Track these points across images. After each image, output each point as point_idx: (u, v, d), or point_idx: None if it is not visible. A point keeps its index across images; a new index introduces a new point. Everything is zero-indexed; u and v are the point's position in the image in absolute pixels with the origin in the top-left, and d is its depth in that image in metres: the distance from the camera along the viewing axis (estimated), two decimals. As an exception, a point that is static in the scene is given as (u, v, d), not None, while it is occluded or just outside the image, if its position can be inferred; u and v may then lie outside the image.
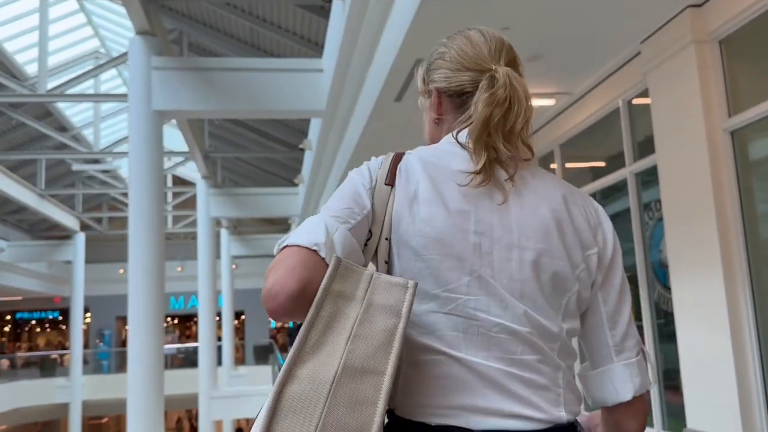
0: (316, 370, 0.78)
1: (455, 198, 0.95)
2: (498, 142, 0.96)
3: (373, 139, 6.42)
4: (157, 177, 7.20)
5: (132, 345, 6.84)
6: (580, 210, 1.01)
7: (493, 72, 1.00)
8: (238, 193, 14.42)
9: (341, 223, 0.91)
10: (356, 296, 0.84)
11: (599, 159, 5.80)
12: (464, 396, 0.89)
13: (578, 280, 0.97)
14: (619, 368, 0.99)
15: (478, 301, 0.92)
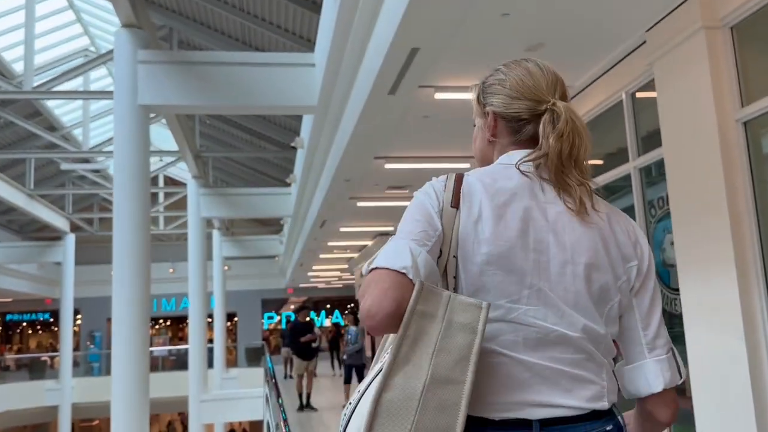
0: (408, 380, 0.93)
1: (515, 218, 1.07)
2: (570, 172, 1.11)
3: (366, 135, 6.21)
4: (143, 173, 6.96)
5: (116, 348, 6.59)
6: (621, 227, 1.15)
7: (551, 106, 1.14)
8: (229, 193, 14.17)
9: (421, 246, 1.03)
10: (437, 315, 0.97)
11: (600, 155, 5.60)
12: (523, 393, 1.03)
13: (620, 290, 1.11)
14: (651, 363, 1.13)
15: (537, 311, 1.05)
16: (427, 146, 7.07)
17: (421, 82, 5.00)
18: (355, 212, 10.52)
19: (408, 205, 1.13)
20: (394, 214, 11.55)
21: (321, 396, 11.50)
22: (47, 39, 13.15)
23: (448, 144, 6.98)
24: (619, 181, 5.23)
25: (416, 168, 7.75)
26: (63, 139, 16.12)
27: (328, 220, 11.27)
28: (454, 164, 7.56)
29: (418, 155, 7.37)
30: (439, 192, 1.11)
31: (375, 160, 7.32)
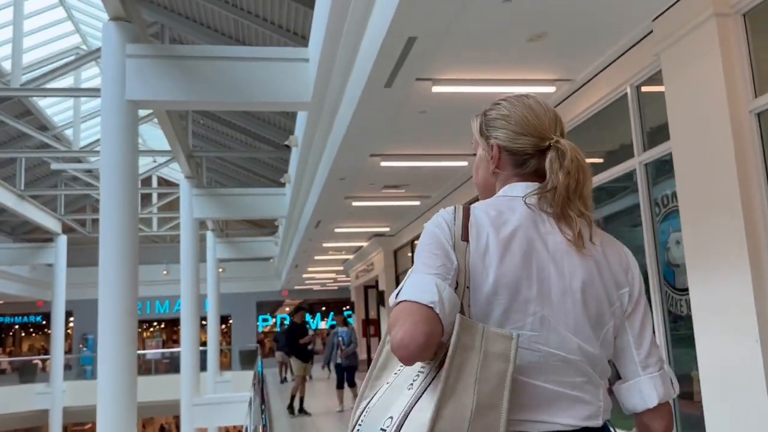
0: (457, 409, 1.01)
1: (519, 250, 1.14)
2: (574, 204, 1.18)
3: (361, 131, 6.01)
4: (131, 172, 6.75)
5: (103, 352, 6.37)
6: (614, 256, 1.23)
7: (555, 143, 1.21)
8: (222, 194, 13.94)
9: (443, 280, 1.08)
10: (475, 346, 1.05)
11: (602, 152, 5.42)
12: (529, 412, 1.11)
13: (613, 315, 1.20)
14: (645, 380, 1.21)
15: (540, 336, 1.12)
16: (424, 143, 6.89)
17: (419, 74, 4.81)
18: (351, 212, 10.32)
19: (422, 238, 1.18)
20: (390, 215, 11.41)
21: (315, 400, 11.29)
22: (37, 37, 12.93)
23: (446, 141, 6.79)
24: (621, 180, 5.05)
25: (413, 166, 7.56)
26: (55, 139, 15.89)
27: (322, 221, 11.07)
28: (451, 162, 7.38)
29: (415, 153, 7.19)
30: (450, 225, 1.16)
31: (370, 157, 7.13)
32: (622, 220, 5.48)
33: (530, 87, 5.12)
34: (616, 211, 5.51)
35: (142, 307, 27.75)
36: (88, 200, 23.54)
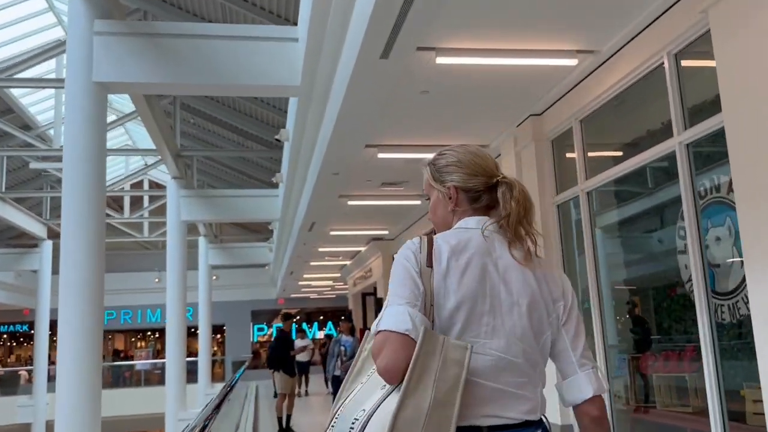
0: (418, 403, 1.26)
1: (475, 273, 1.39)
2: (524, 226, 1.45)
3: (355, 115, 5.32)
4: (98, 164, 6.03)
5: (62, 365, 5.65)
6: (550, 275, 1.47)
7: (502, 179, 1.49)
8: (212, 195, 13.23)
9: (413, 307, 1.34)
10: (436, 353, 1.30)
11: (633, 135, 4.74)
12: (480, 408, 1.36)
13: (551, 324, 1.45)
14: (582, 376, 1.46)
15: (492, 343, 1.38)
16: (425, 132, 6.20)
17: (420, 42, 4.13)
18: (346, 213, 9.62)
19: (393, 269, 1.41)
20: (389, 216, 10.70)
21: (308, 416, 10.53)
22: (15, 29, 12.28)
23: (451, 129, 6.11)
24: (649, 175, 4.36)
25: (413, 159, 6.85)
26: (38, 138, 15.20)
27: (317, 222, 10.37)
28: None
29: (415, 143, 6.50)
30: (416, 254, 1.40)
31: (366, 149, 6.44)
32: (647, 221, 4.80)
33: (549, 60, 4.45)
34: (643, 210, 4.83)
35: (132, 315, 27.00)
36: (77, 205, 22.80)
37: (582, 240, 5.16)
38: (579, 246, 5.34)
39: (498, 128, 6.05)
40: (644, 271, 5.14)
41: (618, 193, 5.01)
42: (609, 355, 4.96)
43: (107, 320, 26.80)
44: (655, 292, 4.94)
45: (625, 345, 5.13)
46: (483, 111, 5.62)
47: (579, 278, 5.40)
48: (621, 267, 5.17)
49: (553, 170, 5.54)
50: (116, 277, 25.72)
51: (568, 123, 5.18)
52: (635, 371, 5.08)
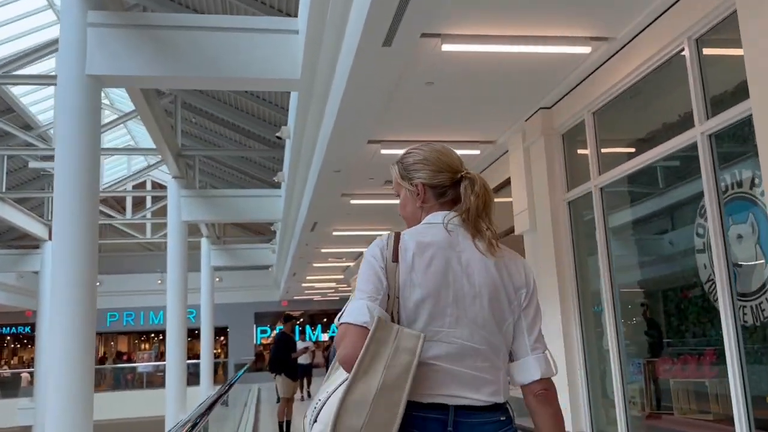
0: (366, 386, 1.36)
1: (439, 266, 1.48)
2: (484, 220, 1.54)
3: (357, 108, 5.10)
4: (91, 161, 5.82)
5: (51, 368, 5.44)
6: (513, 263, 1.56)
7: (466, 174, 1.58)
8: (213, 195, 13.04)
9: (373, 301, 1.45)
10: (389, 341, 1.40)
11: (649, 127, 4.50)
12: (445, 387, 1.46)
13: (512, 311, 1.54)
14: (532, 359, 1.54)
15: (455, 332, 1.48)
16: (430, 127, 5.98)
17: (424, 28, 3.91)
18: (349, 212, 9.39)
19: (361, 265, 1.51)
20: (393, 215, 10.46)
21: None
22: (15, 27, 12.12)
23: (457, 124, 5.88)
24: (669, 166, 4.12)
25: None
26: (39, 138, 15.05)
27: (319, 222, 10.14)
28: (462, 150, 6.45)
29: (420, 139, 6.25)
30: (383, 250, 1.50)
31: (368, 144, 6.22)
32: (662, 219, 4.56)
33: (562, 47, 4.22)
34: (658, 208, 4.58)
35: (135, 317, 26.83)
36: (79, 206, 22.66)
37: (594, 239, 4.92)
38: (591, 245, 5.11)
39: (506, 123, 5.81)
40: (659, 271, 4.90)
41: (632, 190, 4.77)
42: (623, 359, 4.72)
43: (109, 322, 26.66)
44: (672, 294, 4.70)
45: (639, 349, 4.89)
46: (490, 104, 5.39)
47: (591, 280, 5.16)
48: (634, 267, 4.93)
49: (563, 166, 5.30)
50: (119, 279, 25.64)
51: (579, 115, 4.95)
52: (651, 376, 4.84)
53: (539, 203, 5.55)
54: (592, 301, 5.16)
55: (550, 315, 5.33)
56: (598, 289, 5.01)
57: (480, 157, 6.77)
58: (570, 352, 5.11)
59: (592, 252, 5.11)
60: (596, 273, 5.02)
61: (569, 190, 5.24)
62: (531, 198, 5.70)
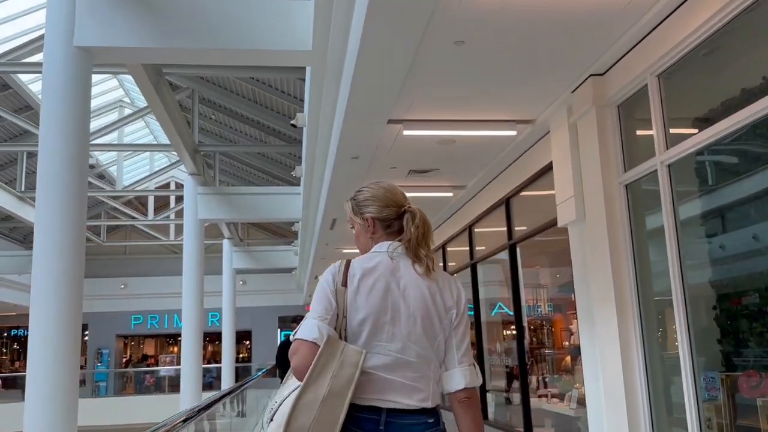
0: (316, 391, 1.63)
1: (380, 291, 1.76)
2: (423, 248, 1.83)
3: (374, 75, 4.38)
4: (80, 144, 5.23)
5: (32, 373, 4.84)
6: (446, 285, 1.84)
7: (408, 209, 1.89)
8: (231, 193, 12.46)
9: (323, 320, 1.72)
10: (336, 356, 1.67)
11: (730, 90, 3.67)
12: (379, 393, 1.73)
13: (443, 329, 1.81)
14: (458, 371, 1.81)
15: (392, 346, 1.75)
16: (458, 102, 5.21)
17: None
18: (370, 207, 8.67)
19: (316, 287, 1.80)
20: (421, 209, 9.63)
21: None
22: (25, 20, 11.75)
23: (490, 99, 5.11)
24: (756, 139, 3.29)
25: (445, 138, 5.87)
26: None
27: (339, 219, 9.43)
28: (496, 131, 5.69)
29: (447, 118, 5.51)
30: (335, 276, 1.78)
31: (389, 125, 5.49)
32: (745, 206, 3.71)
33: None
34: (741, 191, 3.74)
35: (159, 320, 26.56)
36: (102, 206, 22.44)
37: (659, 229, 4.10)
38: (655, 237, 4.28)
39: (548, 95, 5.02)
40: (739, 269, 4.04)
41: (708, 169, 3.94)
42: (697, 373, 3.88)
43: (134, 325, 26.46)
44: (758, 296, 3.84)
45: (710, 360, 4.05)
46: (530, 72, 4.61)
47: (654, 278, 4.33)
48: (709, 264, 4.08)
49: (619, 142, 4.49)
50: (143, 281, 25.42)
51: (641, 80, 4.13)
52: (730, 393, 3.98)
53: (589, 188, 4.74)
54: (655, 304, 4.33)
55: (604, 320, 4.52)
56: (662, 290, 4.19)
57: (516, 141, 5.98)
58: (628, 364, 4.29)
59: (657, 245, 4.29)
60: (661, 270, 4.19)
61: (626, 170, 4.43)
62: (578, 183, 4.89)
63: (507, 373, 8.10)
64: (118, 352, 26.97)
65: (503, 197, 7.09)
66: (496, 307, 8.77)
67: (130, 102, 16.53)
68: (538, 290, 7.86)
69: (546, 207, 6.11)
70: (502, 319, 8.41)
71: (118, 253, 26.15)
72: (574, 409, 6.39)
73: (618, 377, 4.35)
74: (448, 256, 10.35)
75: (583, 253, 4.95)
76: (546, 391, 7.15)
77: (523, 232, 6.72)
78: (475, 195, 8.01)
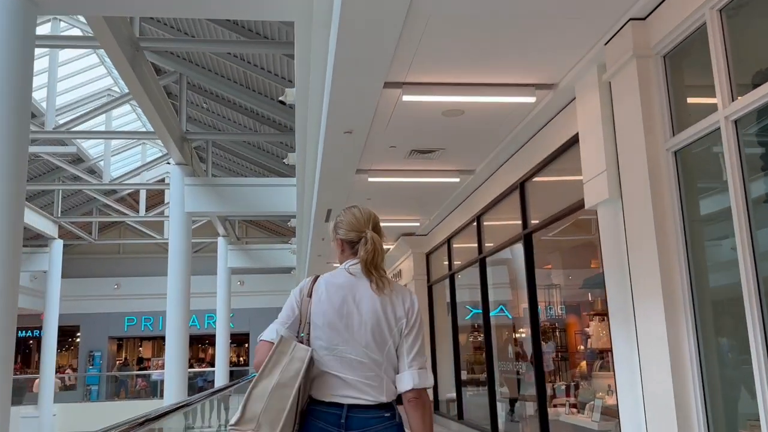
0: (266, 383, 1.94)
1: (338, 301, 2.09)
2: (374, 268, 2.13)
3: (367, 23, 3.56)
4: (19, 114, 4.42)
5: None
6: (399, 298, 2.14)
7: (364, 234, 2.17)
8: (220, 184, 11.65)
9: (284, 325, 2.09)
10: (287, 353, 1.99)
11: None
12: (339, 390, 2.04)
13: (392, 336, 2.09)
14: (408, 373, 2.07)
15: (347, 350, 2.05)
16: (467, 63, 4.38)
17: None
18: (367, 195, 7.85)
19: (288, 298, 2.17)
20: (422, 200, 8.73)
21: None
22: None
23: (504, 55, 4.28)
24: None
25: (452, 106, 5.04)
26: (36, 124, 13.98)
27: (334, 210, 8.62)
28: (512, 97, 4.86)
29: (454, 81, 4.68)
30: (303, 289, 2.14)
31: (387, 89, 4.67)
32: None
33: None
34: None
35: (154, 322, 25.75)
36: (94, 203, 21.67)
37: (721, 204, 3.26)
38: (716, 215, 3.45)
39: (576, 50, 4.19)
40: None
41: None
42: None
43: (127, 326, 25.66)
44: None
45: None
46: (554, 21, 3.78)
47: (712, 270, 3.49)
48: None
49: (666, 99, 3.65)
50: (137, 282, 24.63)
51: (696, 18, 3.30)
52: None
53: (627, 159, 3.91)
54: (712, 300, 3.49)
55: (647, 319, 3.68)
56: (725, 283, 3.36)
57: (534, 112, 5.15)
58: (680, 371, 3.46)
59: (716, 226, 3.46)
60: (722, 259, 3.36)
61: (675, 133, 3.59)
62: (611, 154, 4.06)
63: (518, 380, 7.26)
64: (111, 354, 26.18)
65: (517, 181, 6.26)
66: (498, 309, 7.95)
67: (119, 91, 15.78)
68: (551, 290, 7.05)
69: (568, 191, 5.28)
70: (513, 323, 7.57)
71: (112, 252, 25.39)
72: (597, 422, 5.58)
73: (665, 386, 3.51)
74: (453, 252, 9.51)
75: (618, 240, 4.12)
76: (564, 400, 6.34)
77: (542, 221, 5.87)
78: (485, 180, 7.18)
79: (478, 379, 8.87)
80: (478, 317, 8.43)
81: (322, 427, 1.99)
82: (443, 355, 10.31)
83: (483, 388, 8.24)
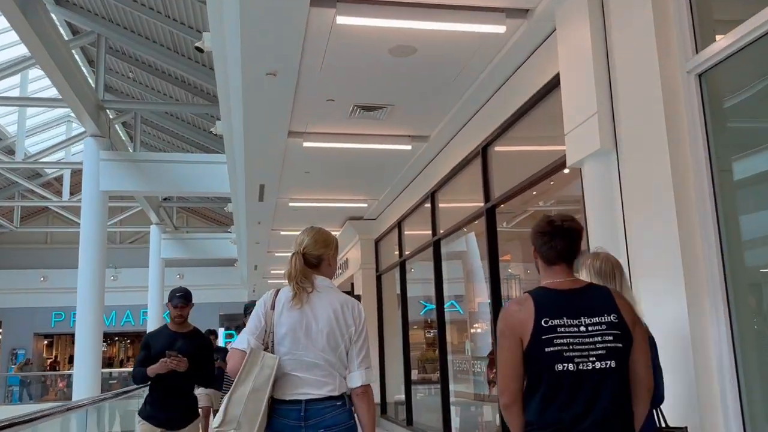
0: (243, 389, 2.29)
1: (297, 313, 2.39)
2: (298, 283, 2.46)
3: None
4: None
5: None
6: (348, 307, 2.46)
7: (297, 252, 2.52)
8: (141, 160, 10.30)
9: (252, 335, 2.38)
10: (257, 362, 2.31)
11: None
12: (299, 389, 2.36)
13: (344, 341, 2.42)
14: (357, 372, 2.43)
15: (305, 354, 2.37)
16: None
17: None
18: (306, 165, 6.74)
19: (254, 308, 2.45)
20: (369, 175, 7.53)
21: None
22: None
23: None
24: None
25: (400, 33, 3.99)
26: None
27: (267, 185, 7.48)
28: (478, 25, 3.83)
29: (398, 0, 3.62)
30: (267, 301, 2.44)
31: (316, 8, 3.59)
32: None
33: None
34: None
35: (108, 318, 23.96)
36: (17, 187, 19.80)
37: None
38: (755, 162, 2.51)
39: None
40: None
41: None
42: None
43: (54, 323, 23.75)
44: None
45: None
46: None
47: (751, 243, 2.56)
48: None
49: (687, 8, 2.69)
50: (66, 274, 22.73)
51: None
52: None
53: (630, 93, 2.95)
54: (752, 281, 2.56)
55: (662, 304, 2.71)
56: None
57: (505, 48, 4.15)
58: (705, 367, 2.51)
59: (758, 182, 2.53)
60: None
61: (698, 51, 2.63)
62: (604, 91, 3.10)
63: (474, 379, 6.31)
64: (37, 352, 24.23)
65: (479, 145, 5.27)
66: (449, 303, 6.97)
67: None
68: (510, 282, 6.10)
69: (541, 153, 4.33)
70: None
71: (38, 241, 23.45)
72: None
73: (689, 386, 2.56)
74: (404, 237, 8.49)
75: (610, 206, 3.16)
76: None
77: (509, 191, 4.88)
78: (442, 149, 6.17)
79: (431, 379, 7.91)
80: (431, 313, 7.46)
81: (286, 422, 2.34)
82: (392, 350, 9.31)
83: (435, 388, 7.27)
